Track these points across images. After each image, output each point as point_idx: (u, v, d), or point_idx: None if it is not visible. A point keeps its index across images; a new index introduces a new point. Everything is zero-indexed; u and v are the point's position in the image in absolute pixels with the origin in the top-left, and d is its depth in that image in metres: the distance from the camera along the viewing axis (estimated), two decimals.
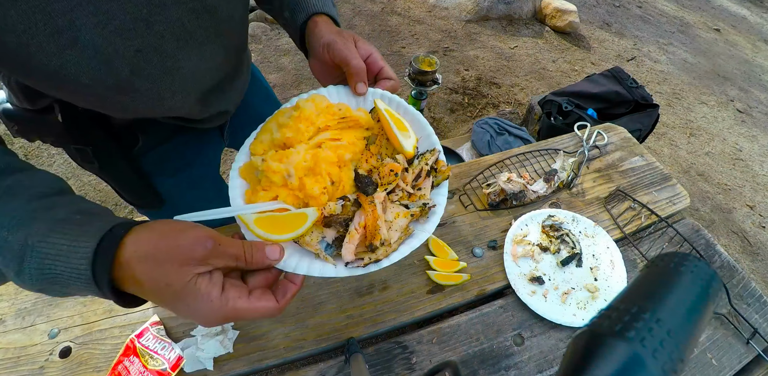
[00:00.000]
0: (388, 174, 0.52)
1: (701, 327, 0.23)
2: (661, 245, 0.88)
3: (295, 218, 0.47)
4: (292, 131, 0.51)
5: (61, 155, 2.06)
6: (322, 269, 0.47)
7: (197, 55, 0.53)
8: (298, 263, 0.46)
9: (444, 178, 0.56)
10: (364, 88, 0.57)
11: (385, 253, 0.48)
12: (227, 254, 0.40)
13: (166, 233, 0.38)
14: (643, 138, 2.00)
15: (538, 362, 0.71)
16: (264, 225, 0.45)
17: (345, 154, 0.52)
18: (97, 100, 0.50)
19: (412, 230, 0.52)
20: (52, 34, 0.39)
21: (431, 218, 0.53)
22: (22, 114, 0.60)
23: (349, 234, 0.49)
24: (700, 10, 4.46)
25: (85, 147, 0.62)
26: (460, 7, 3.33)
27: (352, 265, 0.48)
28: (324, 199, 0.49)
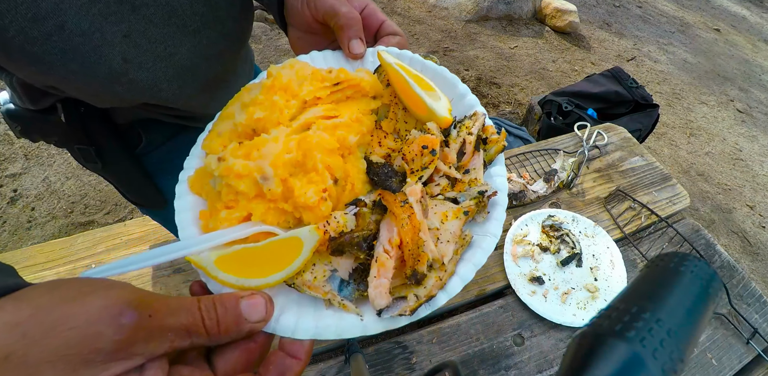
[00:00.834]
0: (420, 154, 0.34)
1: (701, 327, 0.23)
2: (661, 245, 0.88)
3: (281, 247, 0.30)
4: (265, 109, 0.34)
5: (61, 155, 2.06)
6: (339, 325, 0.30)
7: (191, 43, 0.51)
8: (298, 321, 0.30)
9: (498, 150, 0.38)
10: (361, 47, 0.41)
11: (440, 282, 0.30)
12: (168, 328, 0.24)
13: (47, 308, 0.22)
14: (643, 138, 2.00)
15: (538, 362, 0.70)
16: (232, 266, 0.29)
17: (349, 137, 0.35)
18: (91, 89, 0.48)
19: (471, 237, 0.34)
20: (35, 19, 0.37)
21: (494, 213, 0.34)
22: (26, 114, 0.59)
23: (376, 262, 0.31)
24: (700, 10, 4.46)
25: (88, 147, 0.62)
26: (460, 7, 3.33)
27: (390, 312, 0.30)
28: (326, 208, 0.32)
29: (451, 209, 0.33)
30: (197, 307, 0.25)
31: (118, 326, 0.22)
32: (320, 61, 0.42)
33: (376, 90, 0.39)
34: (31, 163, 2.03)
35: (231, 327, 0.26)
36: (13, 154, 2.04)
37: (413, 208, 0.31)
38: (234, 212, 0.32)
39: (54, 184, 1.96)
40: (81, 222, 1.84)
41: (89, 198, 1.93)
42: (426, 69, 0.41)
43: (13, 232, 1.76)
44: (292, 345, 0.29)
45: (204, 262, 0.28)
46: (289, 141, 0.32)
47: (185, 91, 0.57)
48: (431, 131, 0.35)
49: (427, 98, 0.35)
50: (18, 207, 1.87)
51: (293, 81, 0.36)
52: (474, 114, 0.38)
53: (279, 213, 0.33)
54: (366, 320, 0.30)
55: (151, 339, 0.23)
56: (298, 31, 0.47)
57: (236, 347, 0.28)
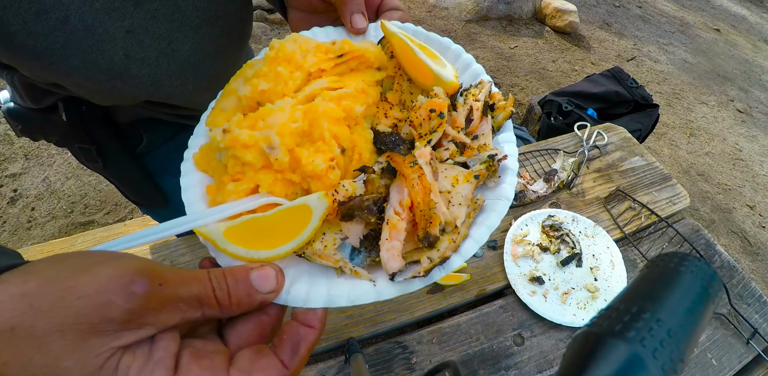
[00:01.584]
0: (428, 118, 0.34)
1: (701, 327, 0.23)
2: (661, 245, 0.88)
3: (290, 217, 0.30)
4: (269, 80, 0.34)
5: (61, 155, 2.06)
6: (351, 292, 0.29)
7: (193, 38, 0.51)
8: (310, 290, 0.29)
9: (506, 117, 0.38)
10: (364, 22, 0.41)
11: (453, 244, 0.30)
12: (181, 299, 0.24)
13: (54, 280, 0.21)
14: (643, 138, 2.00)
15: (538, 362, 0.71)
16: (242, 238, 0.28)
17: (355, 107, 0.35)
18: (93, 85, 0.48)
19: (482, 201, 0.33)
20: (38, 13, 0.37)
21: (505, 177, 0.34)
22: (27, 113, 0.59)
23: (387, 224, 0.30)
24: (700, 10, 4.46)
25: (89, 146, 0.62)
26: (460, 7, 3.33)
27: (403, 275, 0.29)
28: (334, 176, 0.32)
29: (461, 173, 0.33)
30: (207, 278, 0.25)
31: (129, 295, 0.21)
32: (322, 37, 0.41)
33: (380, 61, 0.38)
34: (31, 163, 2.03)
35: (242, 299, 0.26)
36: (13, 154, 2.04)
37: (423, 169, 0.30)
38: (241, 184, 0.32)
39: (54, 184, 1.96)
40: (81, 222, 1.84)
41: (89, 198, 1.93)
42: (430, 40, 0.41)
43: (13, 232, 1.76)
44: (305, 315, 0.28)
45: (213, 234, 0.28)
46: (294, 111, 0.32)
47: (187, 88, 0.57)
48: (438, 96, 0.35)
49: (433, 65, 0.35)
50: (18, 207, 1.87)
51: (297, 53, 0.35)
52: (480, 82, 0.38)
53: (287, 184, 0.32)
54: (379, 285, 0.30)
55: (163, 309, 0.23)
56: (299, 11, 0.46)
57: (248, 319, 0.27)
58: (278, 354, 0.26)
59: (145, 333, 0.23)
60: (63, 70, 0.44)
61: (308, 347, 0.27)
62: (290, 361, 0.26)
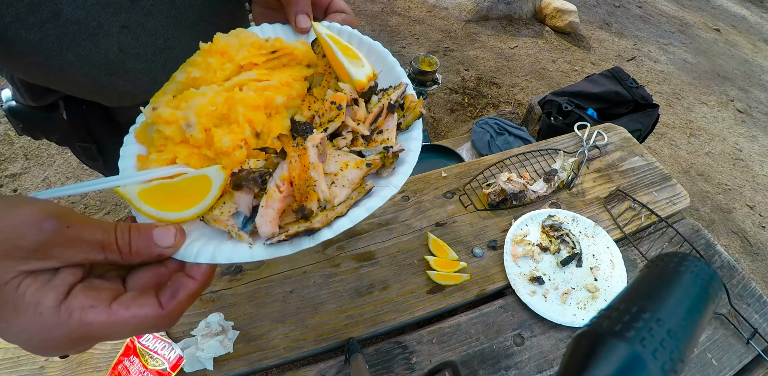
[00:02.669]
0: (329, 109, 0.38)
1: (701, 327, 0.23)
2: (661, 245, 0.88)
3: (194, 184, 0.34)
4: (201, 69, 0.38)
5: (61, 155, 2.06)
6: (232, 251, 0.33)
7: (189, 35, 0.51)
8: (200, 249, 0.33)
9: (415, 117, 0.41)
10: (307, 22, 0.44)
11: (326, 219, 0.33)
12: (83, 240, 0.27)
13: None
14: (643, 138, 2.00)
15: (538, 362, 0.71)
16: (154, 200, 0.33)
17: (275, 98, 0.39)
18: (88, 81, 0.48)
19: (371, 186, 0.36)
20: (30, 5, 0.37)
21: (399, 169, 0.38)
22: (28, 111, 0.60)
23: (266, 194, 0.33)
24: (700, 10, 4.46)
25: (89, 145, 0.62)
26: (460, 7, 3.33)
27: (273, 240, 0.33)
28: (240, 155, 0.36)
29: (353, 159, 0.37)
30: (113, 228, 0.29)
31: (39, 230, 0.25)
32: (269, 33, 0.45)
33: (309, 58, 0.43)
34: (31, 163, 2.03)
35: (141, 249, 0.30)
36: (13, 154, 2.04)
37: (307, 150, 0.34)
38: (162, 154, 0.36)
39: (54, 185, 1.96)
40: None
41: (89, 198, 1.93)
42: (362, 43, 0.45)
43: None
44: (191, 267, 0.32)
45: (129, 194, 0.32)
46: (216, 96, 0.36)
47: None
48: (343, 91, 0.39)
49: (348, 64, 0.39)
50: None
51: (231, 47, 0.39)
52: (399, 84, 0.42)
53: (202, 158, 0.37)
54: (255, 247, 0.34)
55: (68, 246, 0.26)
56: (259, 6, 0.49)
57: (148, 269, 0.32)
58: (158, 296, 0.29)
59: (50, 264, 0.26)
60: (58, 65, 0.44)
61: (187, 294, 0.30)
62: (167, 302, 0.29)
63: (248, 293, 0.74)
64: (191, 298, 0.31)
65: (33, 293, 0.25)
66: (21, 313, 0.25)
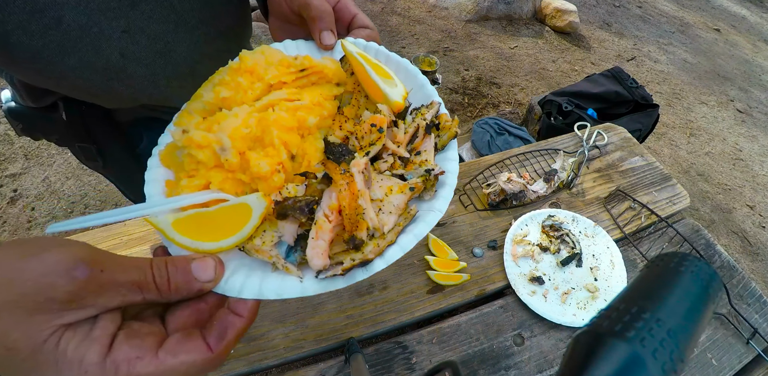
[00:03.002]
0: (369, 131, 0.36)
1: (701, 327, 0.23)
2: (661, 245, 0.88)
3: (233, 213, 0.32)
4: (230, 89, 0.37)
5: (61, 155, 2.06)
6: (280, 286, 0.31)
7: (189, 39, 0.51)
8: (245, 282, 0.31)
9: (451, 136, 0.40)
10: (332, 39, 0.43)
11: (378, 248, 0.32)
12: (118, 283, 0.25)
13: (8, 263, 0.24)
14: (643, 138, 2.00)
15: (538, 362, 0.71)
16: (188, 229, 0.30)
17: (308, 118, 0.37)
18: (89, 85, 0.49)
19: (416, 211, 0.35)
20: (33, 12, 0.37)
21: (441, 192, 0.36)
22: (27, 112, 0.60)
23: (315, 225, 0.32)
24: (700, 10, 4.46)
25: (89, 145, 0.62)
26: (460, 7, 3.33)
27: (327, 273, 0.31)
28: (278, 180, 0.34)
29: (397, 184, 0.35)
30: (149, 266, 0.27)
31: (71, 279, 0.23)
32: (293, 50, 0.44)
33: (339, 77, 0.41)
34: (31, 163, 2.03)
35: (181, 285, 0.28)
36: (13, 154, 2.04)
37: (354, 176, 0.33)
38: (194, 180, 0.34)
39: (54, 184, 1.96)
40: None
41: (89, 198, 1.93)
42: (390, 61, 0.44)
43: (13, 232, 1.76)
44: (237, 304, 0.30)
45: (162, 224, 0.30)
46: (249, 118, 0.35)
47: (185, 90, 0.57)
48: (382, 112, 0.37)
49: (383, 84, 0.38)
50: (18, 207, 1.87)
51: (260, 65, 0.38)
52: (431, 103, 0.41)
53: (236, 183, 0.35)
54: (305, 281, 0.32)
55: (103, 292, 0.25)
56: (278, 20, 0.48)
57: (187, 306, 0.30)
58: (206, 338, 0.28)
59: (87, 313, 0.25)
60: (60, 71, 0.44)
61: (235, 333, 0.29)
62: (216, 345, 0.28)
63: None
64: (239, 337, 0.29)
65: (74, 348, 0.23)
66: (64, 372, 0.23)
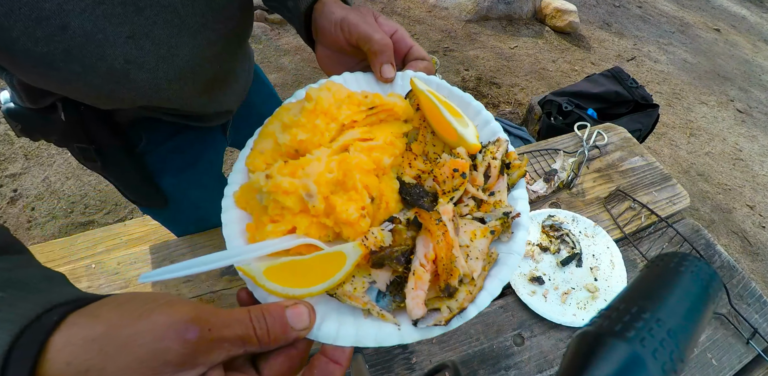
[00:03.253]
0: (451, 176, 0.37)
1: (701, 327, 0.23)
2: (661, 245, 0.88)
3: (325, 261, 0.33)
4: (307, 131, 0.37)
5: (61, 155, 2.06)
6: (378, 334, 0.32)
7: (192, 44, 0.52)
8: (339, 329, 0.31)
9: (520, 175, 0.41)
10: (392, 72, 0.44)
11: (470, 295, 0.33)
12: (226, 340, 0.26)
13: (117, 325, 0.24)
14: (643, 138, 2.00)
15: (538, 362, 0.71)
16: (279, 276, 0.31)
17: (383, 159, 0.37)
18: (92, 90, 0.49)
19: (497, 255, 0.36)
20: (38, 19, 0.37)
21: (517, 233, 0.37)
22: (26, 113, 0.60)
23: (413, 275, 0.33)
24: (700, 10, 4.46)
25: (88, 146, 0.62)
26: (460, 7, 3.33)
27: (425, 322, 0.32)
28: (365, 224, 0.35)
29: (479, 228, 0.35)
30: (249, 318, 0.27)
31: (184, 342, 0.24)
32: (353, 83, 0.45)
33: (407, 114, 0.42)
34: (31, 163, 2.03)
35: (279, 336, 0.28)
36: (13, 154, 2.04)
37: (447, 226, 0.33)
38: (279, 225, 0.35)
39: (54, 184, 1.96)
40: (81, 222, 1.84)
41: (89, 198, 1.93)
42: (452, 95, 0.44)
43: (13, 232, 1.76)
44: (334, 351, 0.31)
45: (253, 271, 0.31)
46: (330, 161, 0.35)
47: (185, 92, 0.57)
48: (461, 156, 0.38)
49: (458, 125, 0.38)
50: (18, 207, 1.87)
51: (332, 105, 0.38)
52: (498, 140, 0.41)
53: (321, 227, 0.35)
54: (403, 329, 0.32)
55: (212, 350, 0.26)
56: (327, 49, 0.49)
57: (279, 353, 0.30)
58: None
59: (198, 372, 0.25)
60: (63, 77, 0.45)
61: None
62: None
63: None
64: None
65: None
66: None
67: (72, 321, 0.25)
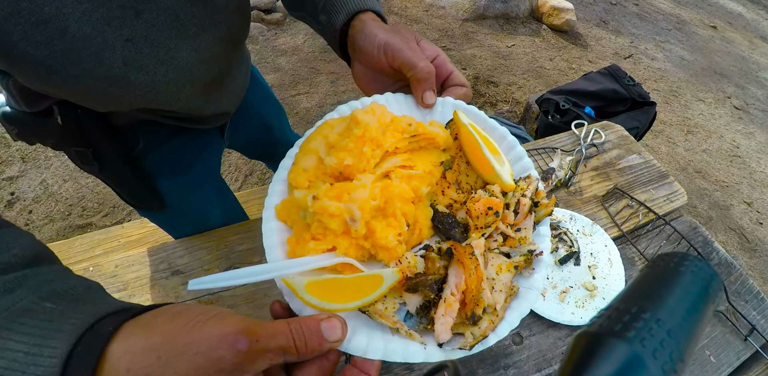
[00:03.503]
0: (485, 213, 0.39)
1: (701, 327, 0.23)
2: (659, 243, 0.89)
3: (364, 281, 0.35)
4: (354, 156, 0.38)
5: (58, 158, 2.06)
6: (405, 350, 0.35)
7: (190, 46, 0.52)
8: (369, 343, 0.34)
9: (546, 214, 0.42)
10: (434, 98, 0.46)
11: (492, 324, 0.36)
12: (270, 350, 0.29)
13: (173, 335, 0.27)
14: (640, 136, 2.00)
15: (536, 361, 0.71)
16: (319, 291, 0.34)
17: (421, 188, 0.40)
18: (89, 92, 0.49)
19: (518, 289, 0.38)
20: (38, 23, 0.37)
21: (537, 269, 0.40)
22: (22, 117, 0.59)
23: (444, 302, 0.36)
24: (697, 8, 4.47)
25: (85, 149, 0.62)
26: (457, 5, 3.33)
27: (450, 345, 0.35)
28: (401, 250, 0.37)
29: (504, 263, 0.38)
30: (289, 330, 0.30)
31: (236, 351, 0.27)
32: (394, 105, 0.47)
33: (447, 144, 0.44)
34: (28, 166, 2.02)
35: (315, 347, 0.31)
36: (9, 157, 2.04)
37: (479, 259, 0.36)
38: (321, 244, 0.37)
39: (51, 187, 1.96)
40: (79, 225, 1.83)
41: (87, 201, 1.93)
42: (488, 127, 0.46)
43: None
44: (364, 363, 0.34)
45: (296, 285, 0.33)
46: (374, 188, 0.37)
47: (183, 95, 0.57)
48: (495, 194, 0.40)
49: (495, 163, 0.40)
50: (15, 210, 1.86)
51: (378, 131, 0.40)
52: (528, 177, 0.43)
53: (358, 248, 0.38)
54: (429, 348, 0.35)
55: (258, 360, 0.28)
56: (365, 67, 0.51)
57: (313, 363, 0.32)
58: None
59: None
60: (62, 79, 0.44)
61: None
62: None
63: (246, 295, 0.73)
64: None
65: None
66: None
67: (128, 331, 0.27)
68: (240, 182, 2.07)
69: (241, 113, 0.81)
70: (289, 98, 2.52)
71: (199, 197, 0.82)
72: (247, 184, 2.07)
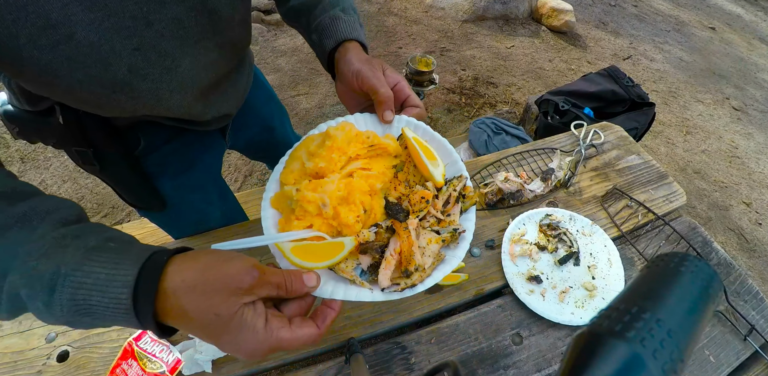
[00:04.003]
0: (419, 201, 0.54)
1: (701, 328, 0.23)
2: (658, 243, 0.89)
3: (331, 247, 0.49)
4: (325, 161, 0.52)
5: (58, 158, 2.05)
6: (358, 293, 0.48)
7: (192, 53, 0.53)
8: (333, 289, 0.48)
9: (471, 203, 0.57)
10: (391, 116, 0.58)
11: (420, 278, 0.49)
12: (270, 282, 0.40)
13: (211, 263, 0.38)
14: (639, 136, 2.00)
15: (536, 361, 0.71)
16: (300, 253, 0.46)
17: (376, 184, 0.53)
18: (93, 99, 0.49)
19: (444, 256, 0.53)
20: (44, 27, 0.38)
21: (461, 244, 0.53)
22: (24, 116, 0.59)
23: (385, 260, 0.50)
24: (695, 9, 4.48)
25: (86, 149, 0.62)
26: (457, 7, 3.33)
27: (389, 290, 0.49)
28: (358, 227, 0.51)
29: (434, 237, 0.52)
30: (283, 275, 0.41)
31: (251, 277, 0.38)
32: (361, 122, 0.60)
33: (397, 151, 0.57)
34: (28, 166, 2.02)
35: (298, 289, 0.42)
36: (9, 157, 2.03)
37: (411, 232, 0.51)
38: (302, 222, 0.51)
39: (51, 188, 1.95)
40: None
41: (86, 201, 1.93)
42: (432, 139, 0.60)
43: None
44: (330, 302, 0.45)
45: (285, 249, 0.46)
46: (340, 183, 0.51)
47: (185, 101, 0.57)
48: (429, 188, 0.55)
49: (430, 166, 0.54)
50: None
51: (344, 142, 0.54)
52: (460, 176, 0.57)
53: (329, 226, 0.51)
54: (374, 292, 0.49)
55: (263, 287, 0.39)
56: (344, 86, 0.62)
57: (295, 301, 0.44)
58: (315, 321, 0.43)
59: (253, 298, 0.39)
60: (66, 84, 0.45)
61: (331, 319, 0.44)
62: (321, 325, 0.42)
63: None
64: (332, 322, 0.44)
65: (250, 318, 0.37)
66: (245, 332, 0.37)
67: (179, 259, 0.38)
68: (240, 183, 2.07)
69: (243, 115, 0.81)
70: (289, 99, 2.53)
71: (200, 197, 0.82)
72: (247, 185, 2.07)
